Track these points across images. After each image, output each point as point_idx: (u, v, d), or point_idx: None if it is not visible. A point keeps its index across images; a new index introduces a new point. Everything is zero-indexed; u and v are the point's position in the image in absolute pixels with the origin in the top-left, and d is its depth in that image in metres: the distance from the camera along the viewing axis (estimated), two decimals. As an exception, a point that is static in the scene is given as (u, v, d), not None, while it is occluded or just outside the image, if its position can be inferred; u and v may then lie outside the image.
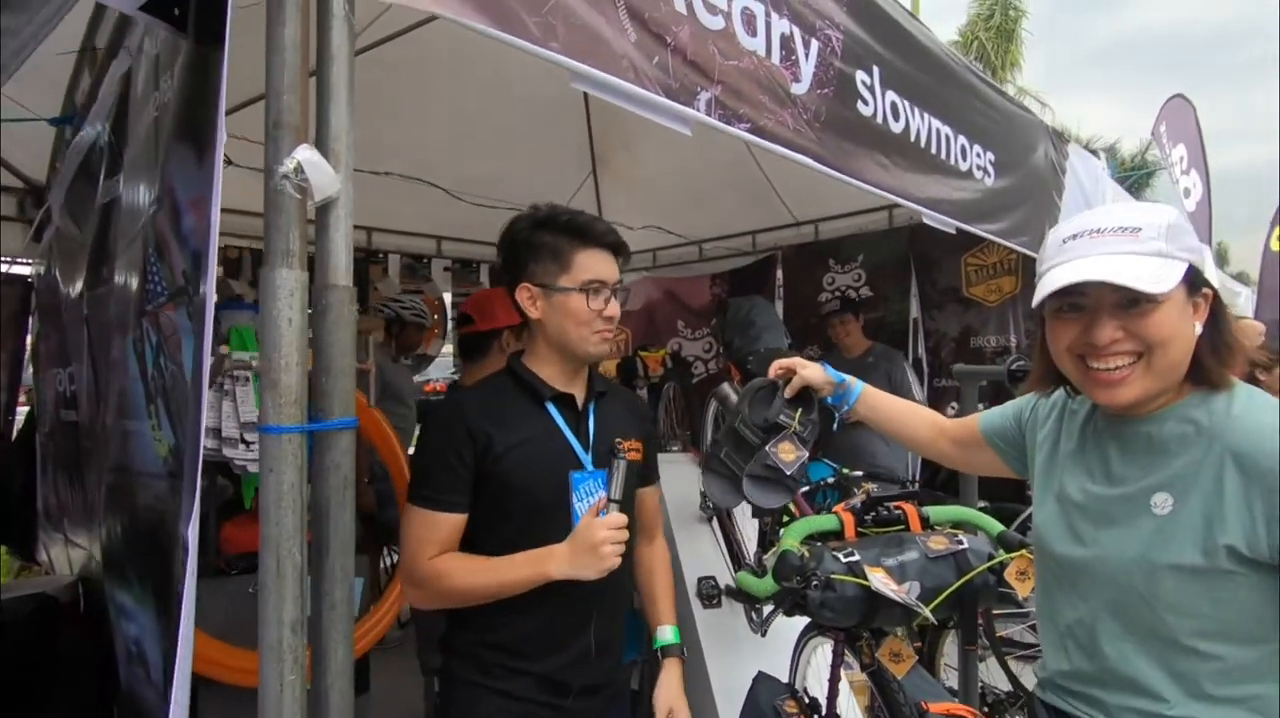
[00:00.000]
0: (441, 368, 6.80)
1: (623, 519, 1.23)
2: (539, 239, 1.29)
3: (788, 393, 1.48)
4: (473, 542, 1.27)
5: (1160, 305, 0.91)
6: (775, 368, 1.52)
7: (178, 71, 0.99)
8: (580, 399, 1.37)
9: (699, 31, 1.39)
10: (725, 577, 2.32)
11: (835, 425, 1.61)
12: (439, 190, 3.73)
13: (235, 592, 1.78)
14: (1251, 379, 3.64)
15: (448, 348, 5.03)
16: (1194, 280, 0.94)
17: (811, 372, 1.47)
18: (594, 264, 1.29)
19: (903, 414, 1.50)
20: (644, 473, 1.49)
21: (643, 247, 4.95)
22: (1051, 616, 1.08)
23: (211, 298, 0.89)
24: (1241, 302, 7.58)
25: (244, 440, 1.63)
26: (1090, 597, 1.00)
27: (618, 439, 1.33)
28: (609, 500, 1.24)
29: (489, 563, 1.23)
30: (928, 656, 2.68)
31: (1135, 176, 13.55)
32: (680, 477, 2.68)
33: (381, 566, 3.86)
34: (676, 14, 1.35)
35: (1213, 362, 0.95)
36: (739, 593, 2.04)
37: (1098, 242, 0.93)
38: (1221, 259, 21.02)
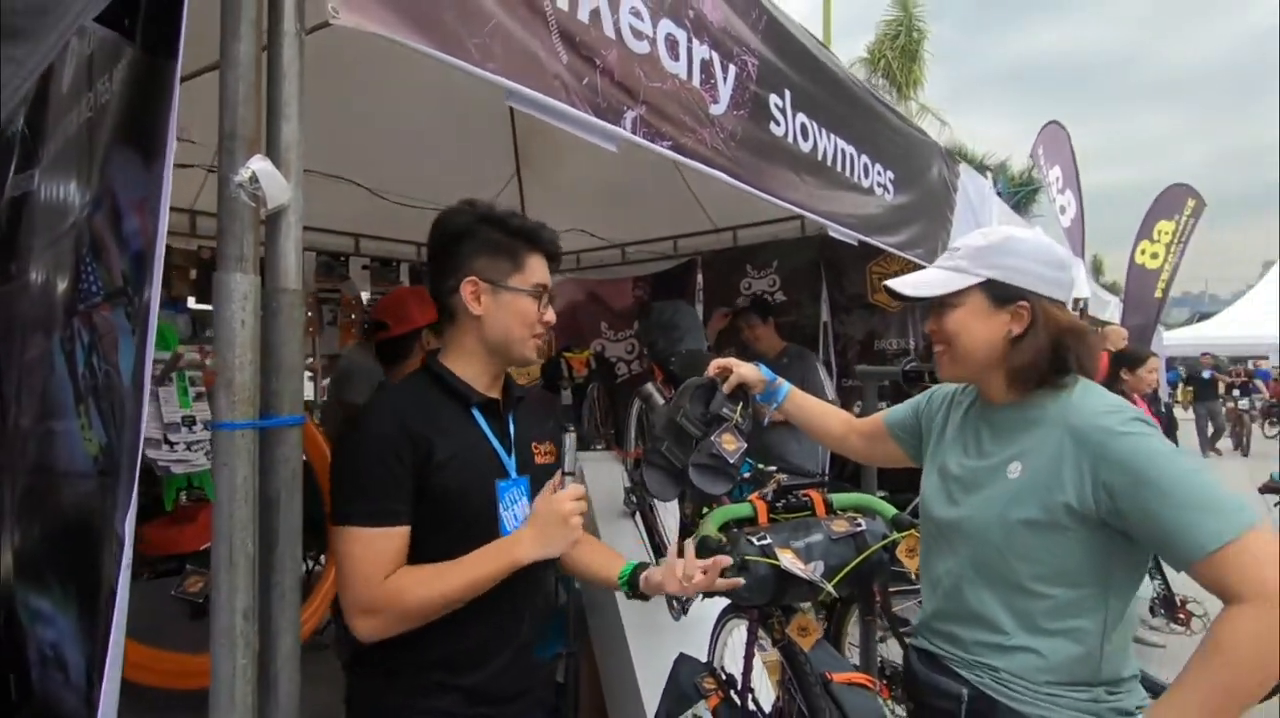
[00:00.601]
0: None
1: (581, 489, 1.25)
2: (488, 235, 1.25)
3: (725, 389, 1.61)
4: None
5: (955, 308, 1.22)
6: (714, 366, 1.66)
7: (121, 76, 1.00)
8: (501, 404, 1.33)
9: (626, 55, 1.50)
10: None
11: (765, 421, 1.78)
12: (357, 187, 3.68)
13: (155, 595, 1.75)
14: (1115, 377, 4.07)
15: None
16: (999, 294, 1.19)
17: (747, 370, 1.64)
18: (541, 269, 1.29)
19: (821, 412, 1.72)
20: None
21: (567, 248, 4.97)
22: (928, 568, 1.31)
23: (156, 300, 0.92)
24: (1111, 309, 8.37)
25: (168, 441, 1.60)
26: (959, 550, 1.21)
27: (533, 443, 1.36)
28: (564, 474, 1.25)
29: (448, 568, 1.16)
30: (834, 635, 2.89)
31: (1023, 193, 14.65)
32: (604, 474, 2.79)
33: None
34: (605, 38, 1.45)
35: (1033, 360, 1.17)
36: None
37: (937, 259, 1.30)
38: (1097, 270, 22.98)
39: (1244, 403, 13.24)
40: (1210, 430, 12.38)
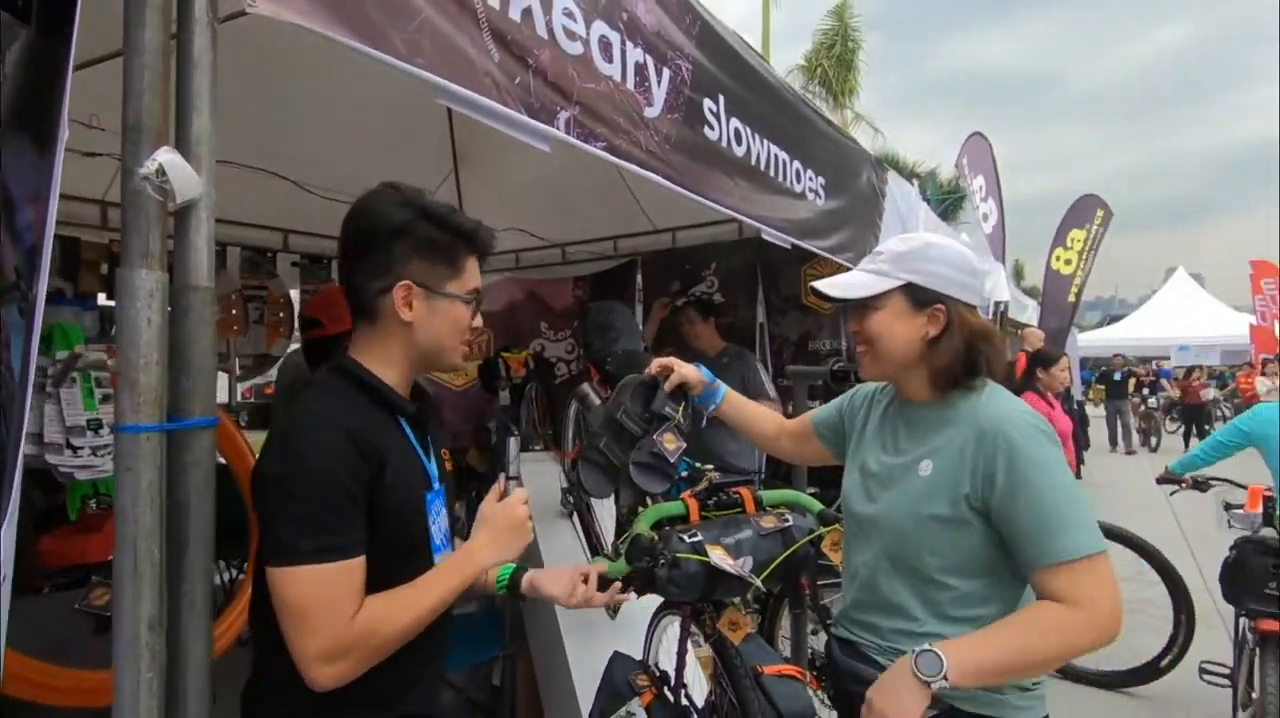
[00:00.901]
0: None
1: (526, 493, 1.23)
2: (427, 233, 1.12)
3: (667, 387, 1.63)
4: None
5: (877, 310, 1.28)
6: (656, 365, 1.67)
7: (14, 59, 0.94)
8: (420, 412, 1.24)
9: (559, 55, 1.50)
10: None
11: (704, 422, 1.80)
12: (286, 182, 3.56)
13: (59, 608, 1.64)
14: (1032, 376, 4.28)
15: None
16: (918, 297, 1.25)
17: (688, 370, 1.66)
18: (475, 272, 1.20)
19: (755, 414, 1.77)
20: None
21: (506, 247, 4.96)
22: (849, 561, 1.37)
23: (43, 295, 0.86)
24: (1030, 312, 8.82)
25: (70, 446, 1.51)
26: (874, 543, 1.28)
27: (442, 450, 1.30)
28: (508, 478, 1.23)
29: (415, 590, 1.07)
30: (768, 629, 2.95)
31: (950, 200, 15.28)
32: (542, 474, 2.78)
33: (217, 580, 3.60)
34: (538, 38, 1.44)
35: (948, 362, 1.24)
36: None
37: (862, 262, 1.36)
38: (1018, 275, 24.14)
39: (1152, 401, 14.02)
40: (1120, 427, 12.86)
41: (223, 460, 2.50)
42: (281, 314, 4.57)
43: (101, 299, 3.57)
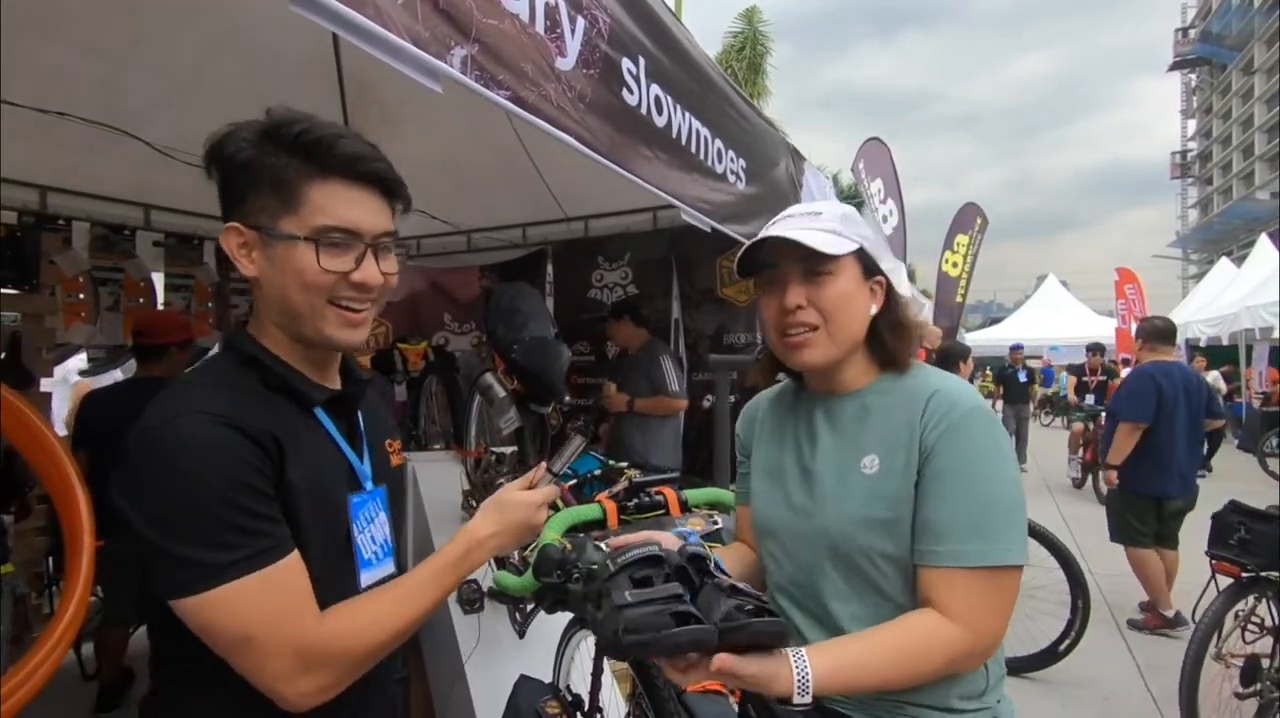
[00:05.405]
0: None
1: (555, 493, 1.10)
2: (259, 157, 0.87)
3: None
4: None
5: (836, 276, 1.05)
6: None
7: None
8: (345, 398, 1.02)
9: (456, -18, 1.27)
10: (488, 579, 2.20)
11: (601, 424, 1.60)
12: (147, 147, 3.10)
13: None
14: (954, 369, 4.41)
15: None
16: (868, 265, 1.08)
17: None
18: (338, 205, 0.88)
19: (741, 556, 1.34)
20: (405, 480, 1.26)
21: (406, 233, 4.62)
22: (771, 575, 1.16)
23: None
24: (926, 312, 9.22)
25: None
26: (801, 554, 1.08)
27: (386, 441, 1.09)
28: (549, 472, 1.07)
29: (402, 590, 0.92)
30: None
31: (850, 205, 15.88)
32: (441, 474, 2.51)
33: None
34: (429, -44, 1.21)
35: (892, 340, 1.09)
36: (500, 594, 1.94)
37: (788, 222, 1.08)
38: (912, 278, 25.49)
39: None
40: (1018, 438, 10.51)
41: None
42: (141, 300, 4.04)
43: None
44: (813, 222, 1.06)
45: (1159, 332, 4.31)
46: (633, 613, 0.82)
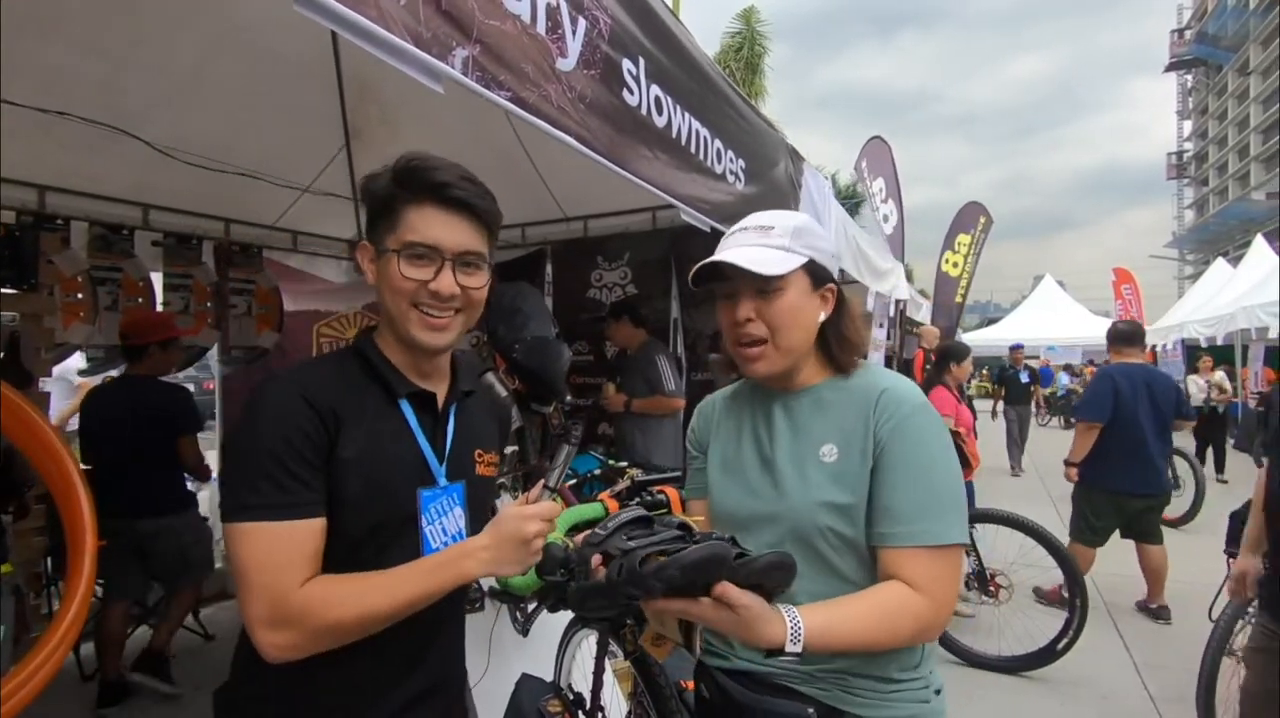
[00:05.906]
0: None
1: (556, 509, 1.09)
2: (383, 190, 1.04)
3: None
4: None
5: (784, 291, 1.11)
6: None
7: None
8: (440, 399, 1.13)
9: (458, -17, 1.27)
10: (489, 578, 2.21)
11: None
12: (147, 147, 3.10)
13: None
14: (944, 370, 4.38)
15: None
16: (818, 275, 1.14)
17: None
18: (425, 224, 1.02)
19: None
20: (494, 490, 1.29)
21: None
22: None
23: None
24: (924, 312, 9.22)
25: None
26: (764, 538, 1.12)
27: (477, 450, 1.17)
28: (546, 488, 1.08)
29: (379, 579, 0.96)
30: (686, 636, 2.80)
31: (848, 205, 15.88)
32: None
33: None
34: (432, -43, 1.21)
35: (837, 348, 1.16)
36: (502, 593, 1.94)
37: (742, 237, 1.15)
38: (910, 278, 25.52)
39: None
40: (1018, 441, 9.92)
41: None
42: (140, 300, 4.04)
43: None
44: (763, 237, 1.13)
45: (1123, 335, 4.49)
46: (643, 550, 0.90)
